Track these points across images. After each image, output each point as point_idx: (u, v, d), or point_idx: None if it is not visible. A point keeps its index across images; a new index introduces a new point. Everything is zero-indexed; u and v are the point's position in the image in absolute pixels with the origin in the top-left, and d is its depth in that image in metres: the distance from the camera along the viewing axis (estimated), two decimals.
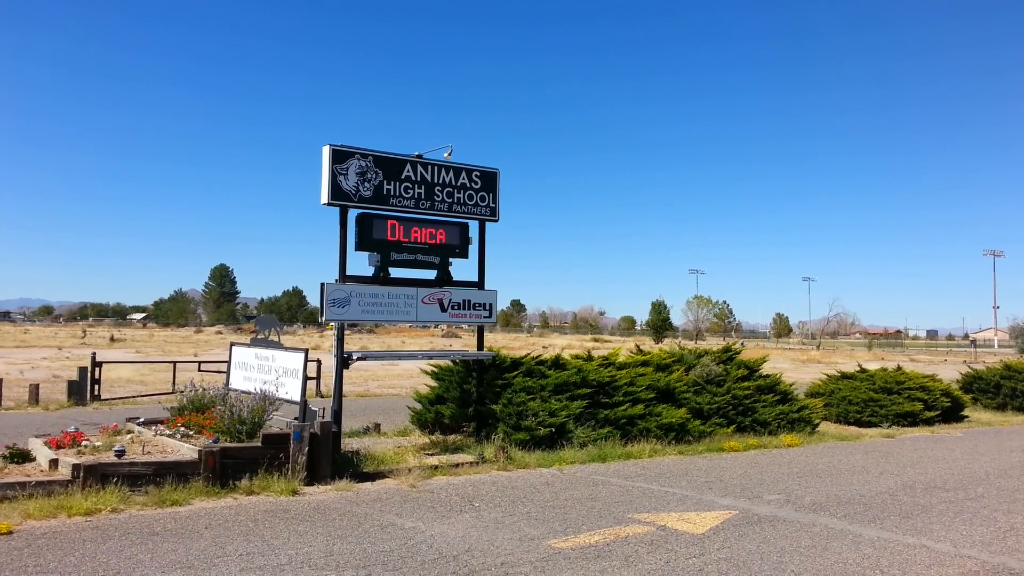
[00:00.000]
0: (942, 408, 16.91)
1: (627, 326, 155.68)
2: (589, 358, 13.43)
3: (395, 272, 10.99)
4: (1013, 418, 18.52)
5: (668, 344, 26.30)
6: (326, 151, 10.20)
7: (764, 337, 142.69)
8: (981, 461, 11.60)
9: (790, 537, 6.85)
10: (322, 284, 10.00)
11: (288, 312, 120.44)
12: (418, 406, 12.99)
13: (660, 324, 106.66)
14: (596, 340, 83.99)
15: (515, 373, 12.08)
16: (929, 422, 16.32)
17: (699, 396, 13.59)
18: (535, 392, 11.71)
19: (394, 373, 27.18)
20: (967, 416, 17.89)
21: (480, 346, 12.24)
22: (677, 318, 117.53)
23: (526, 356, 12.82)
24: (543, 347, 45.92)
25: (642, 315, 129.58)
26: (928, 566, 6.08)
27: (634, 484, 9.16)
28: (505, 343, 55.84)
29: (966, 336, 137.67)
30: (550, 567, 5.76)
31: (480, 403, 11.83)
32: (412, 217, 11.10)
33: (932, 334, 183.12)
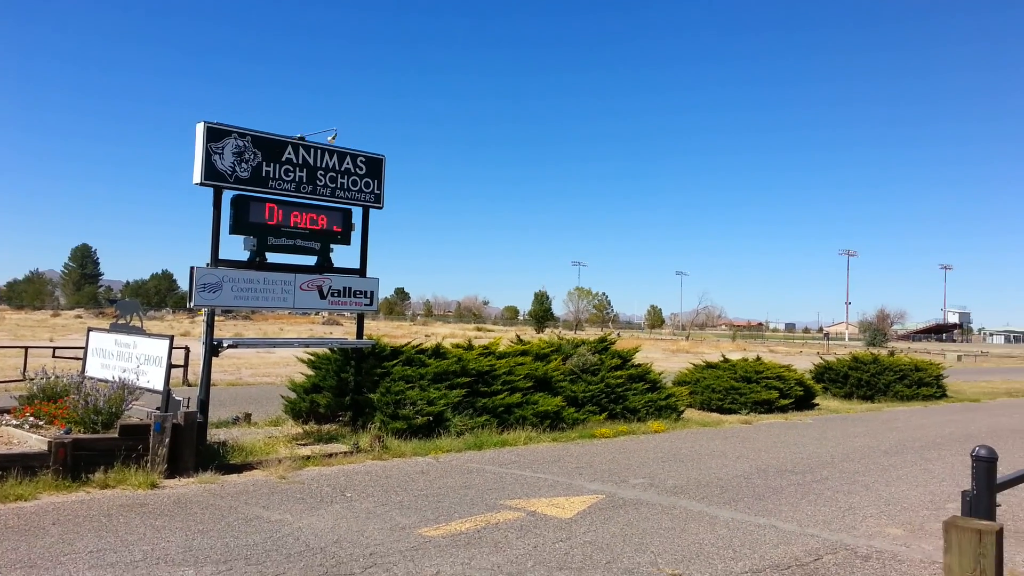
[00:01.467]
0: (796, 396, 18.14)
1: (510, 316, 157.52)
2: (470, 347, 13.53)
3: (273, 257, 10.67)
4: (858, 406, 20.09)
5: (548, 334, 26.84)
6: (200, 128, 9.74)
7: (639, 328, 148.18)
8: (828, 446, 12.54)
9: (652, 519, 7.20)
10: (192, 268, 9.56)
11: (157, 296, 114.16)
12: (293, 395, 12.69)
13: (542, 314, 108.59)
14: (479, 329, 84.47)
15: (395, 362, 12.01)
16: (784, 409, 17.47)
17: (575, 385, 13.97)
18: (414, 381, 11.70)
19: (269, 361, 26.35)
20: (818, 404, 19.26)
21: (360, 334, 12.08)
22: (559, 309, 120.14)
23: (407, 345, 12.77)
24: (426, 336, 45.81)
25: (525, 305, 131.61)
26: (776, 545, 6.53)
27: (508, 471, 9.32)
28: (388, 331, 55.28)
29: (820, 329, 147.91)
30: (419, 556, 5.80)
31: (358, 392, 11.69)
32: (292, 201, 10.79)
33: (790, 327, 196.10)
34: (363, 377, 11.74)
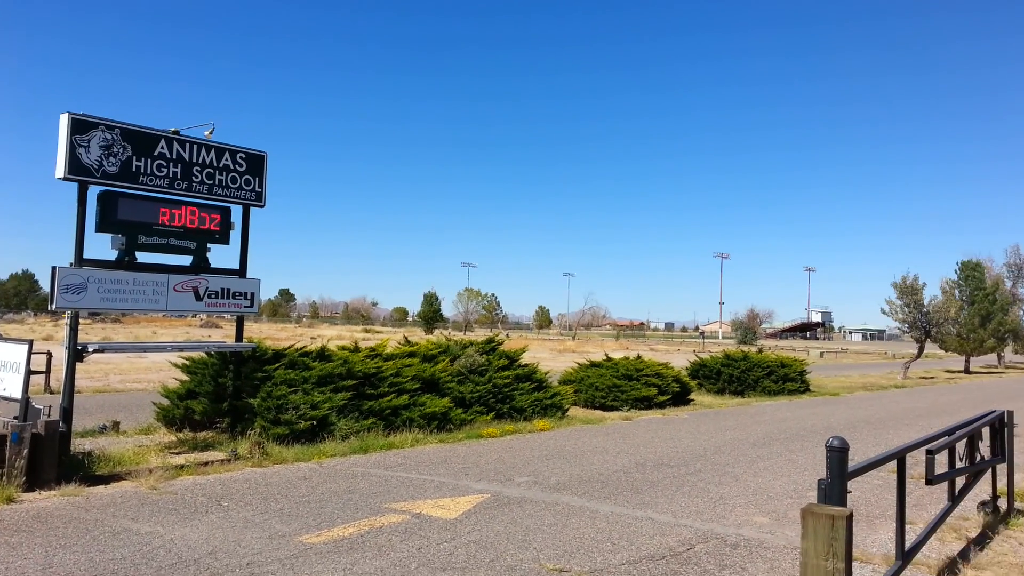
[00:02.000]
0: (673, 393, 18.92)
1: (399, 317, 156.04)
2: (356, 349, 13.34)
3: (144, 257, 10.15)
4: (730, 400, 21.17)
5: (437, 335, 26.76)
6: (64, 120, 9.15)
7: (528, 328, 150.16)
8: (701, 439, 13.16)
9: (535, 516, 7.35)
10: (54, 268, 8.97)
11: (17, 298, 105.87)
12: (166, 402, 12.10)
13: (431, 315, 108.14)
14: (367, 331, 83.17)
15: (277, 365, 11.68)
16: (662, 405, 18.19)
17: (462, 386, 14.04)
18: (297, 385, 11.42)
19: (141, 367, 24.96)
20: (693, 399, 20.16)
21: (239, 337, 11.66)
22: (448, 310, 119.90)
23: (290, 347, 12.45)
24: (311, 338, 44.63)
25: (415, 306, 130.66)
26: (652, 536, 6.82)
27: (394, 474, 9.26)
28: (271, 334, 53.53)
29: (697, 328, 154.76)
30: (300, 563, 5.69)
31: (236, 397, 11.29)
32: (166, 198, 10.31)
33: (670, 326, 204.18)
34: (243, 382, 11.36)
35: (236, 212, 11.22)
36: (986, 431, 7.94)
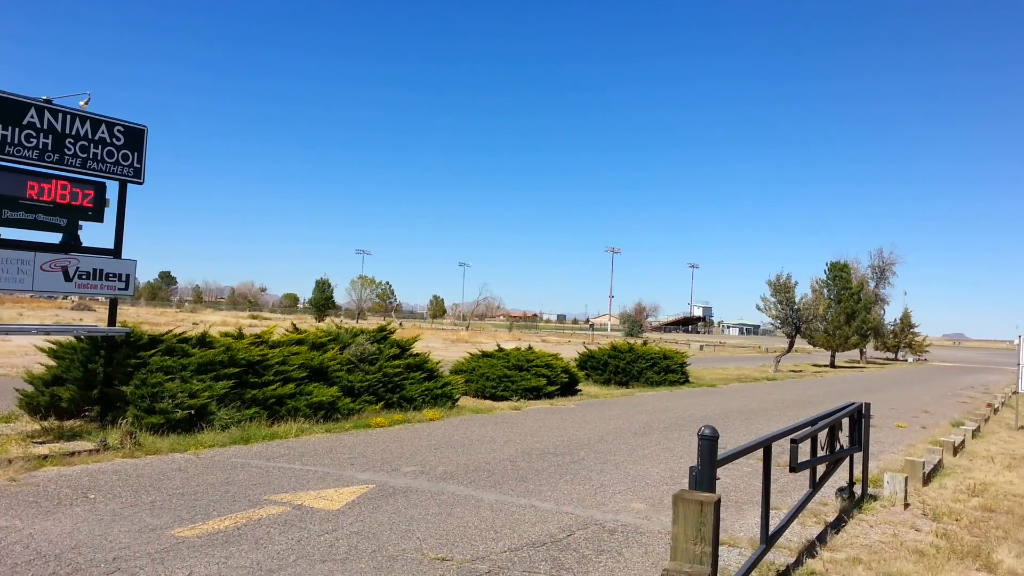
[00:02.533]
0: (562, 383, 19.31)
1: (290, 304, 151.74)
2: (240, 336, 12.89)
3: (8, 233, 9.47)
4: (615, 391, 21.79)
5: (327, 323, 26.25)
6: None
7: (422, 318, 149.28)
8: (586, 428, 13.51)
9: (420, 506, 7.35)
10: None
11: None
12: (30, 388, 11.31)
13: (323, 303, 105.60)
14: (254, 317, 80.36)
15: (153, 351, 11.14)
16: (551, 395, 18.54)
17: (352, 374, 13.82)
18: (175, 372, 10.93)
19: (4, 350, 23.21)
20: (581, 390, 20.64)
21: (112, 321, 11.04)
22: (341, 297, 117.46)
23: (167, 333, 11.90)
24: (193, 324, 42.75)
25: (306, 293, 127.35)
26: (534, 523, 6.96)
27: (276, 465, 9.03)
28: (149, 318, 50.91)
29: (587, 321, 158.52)
30: (170, 557, 5.47)
31: (108, 384, 10.69)
32: (35, 170, 9.62)
33: (562, 318, 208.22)
34: (115, 368, 10.76)
35: (112, 188, 10.62)
36: (846, 422, 8.53)
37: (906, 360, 67.55)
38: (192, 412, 10.61)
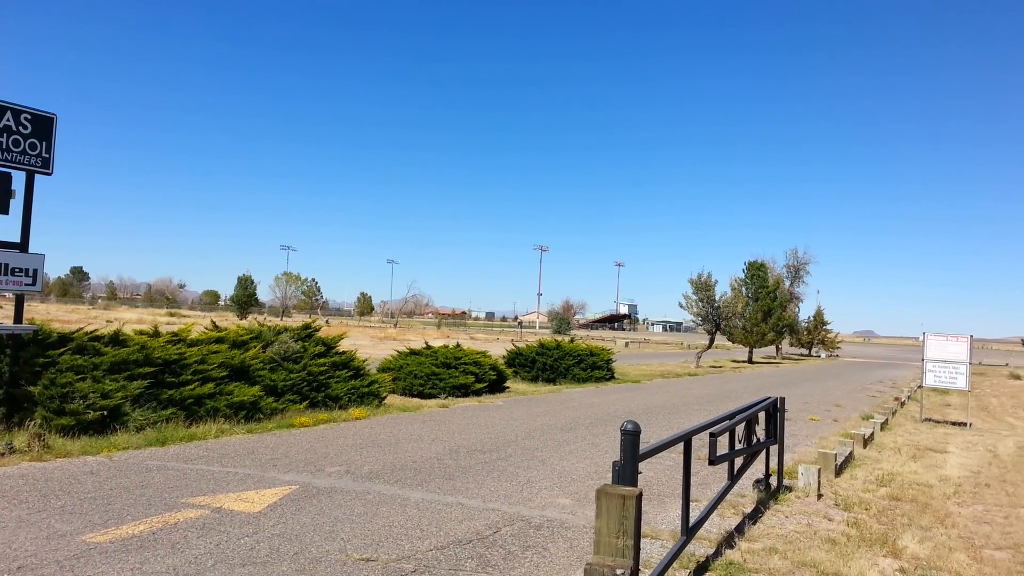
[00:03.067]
0: (490, 380, 19.35)
1: (210, 301, 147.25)
2: (156, 334, 12.45)
3: None
4: (543, 388, 21.98)
5: (250, 321, 25.55)
6: None
7: (349, 315, 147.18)
8: (513, 425, 13.58)
9: (345, 506, 7.25)
10: None
11: None
12: None
13: (246, 300, 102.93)
14: (172, 315, 77.66)
15: (63, 350, 10.65)
16: (479, 393, 18.55)
17: (275, 373, 13.52)
18: (87, 371, 10.48)
19: None
20: (509, 387, 20.74)
21: (19, 318, 10.50)
22: (265, 294, 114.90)
23: (79, 331, 11.38)
24: (107, 321, 41.00)
25: (228, 290, 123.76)
26: (460, 521, 6.95)
27: (194, 467, 8.76)
28: (60, 316, 48.63)
29: (516, 318, 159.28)
30: (81, 564, 5.24)
31: (14, 385, 10.16)
32: None
33: (490, 315, 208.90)
34: (21, 368, 10.24)
35: (19, 179, 10.13)
36: (762, 416, 8.83)
37: (819, 356, 70.33)
38: (105, 413, 10.20)
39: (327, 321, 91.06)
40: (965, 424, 17.51)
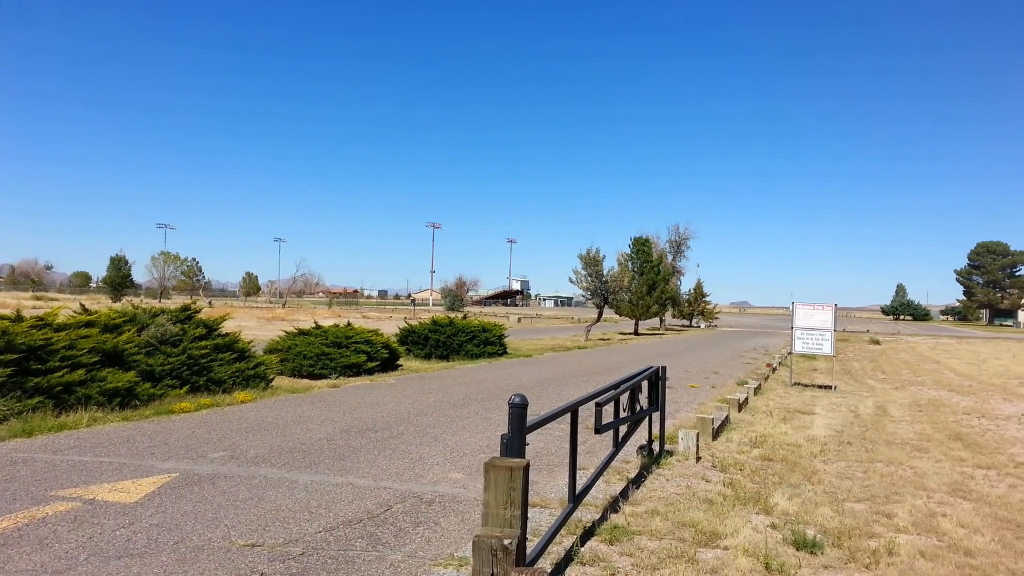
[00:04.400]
0: (382, 359, 19.17)
1: (81, 283, 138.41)
2: (19, 318, 11.60)
3: None
4: (436, 365, 21.98)
5: (124, 303, 24.22)
6: None
7: (234, 296, 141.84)
8: (406, 403, 13.53)
9: (229, 492, 7.04)
10: None
11: None
12: None
13: (120, 281, 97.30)
14: (39, 298, 72.58)
15: None
16: (371, 372, 18.36)
17: (152, 358, 12.91)
18: None
19: None
20: (402, 365, 20.61)
21: None
22: (141, 275, 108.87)
23: None
24: None
25: (100, 271, 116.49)
26: (351, 501, 6.89)
27: (64, 458, 8.26)
28: None
29: (409, 296, 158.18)
30: None
31: None
32: None
33: (383, 294, 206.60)
34: None
35: None
36: (645, 384, 9.18)
37: (699, 327, 73.51)
38: None
39: (210, 303, 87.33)
40: (830, 387, 18.81)
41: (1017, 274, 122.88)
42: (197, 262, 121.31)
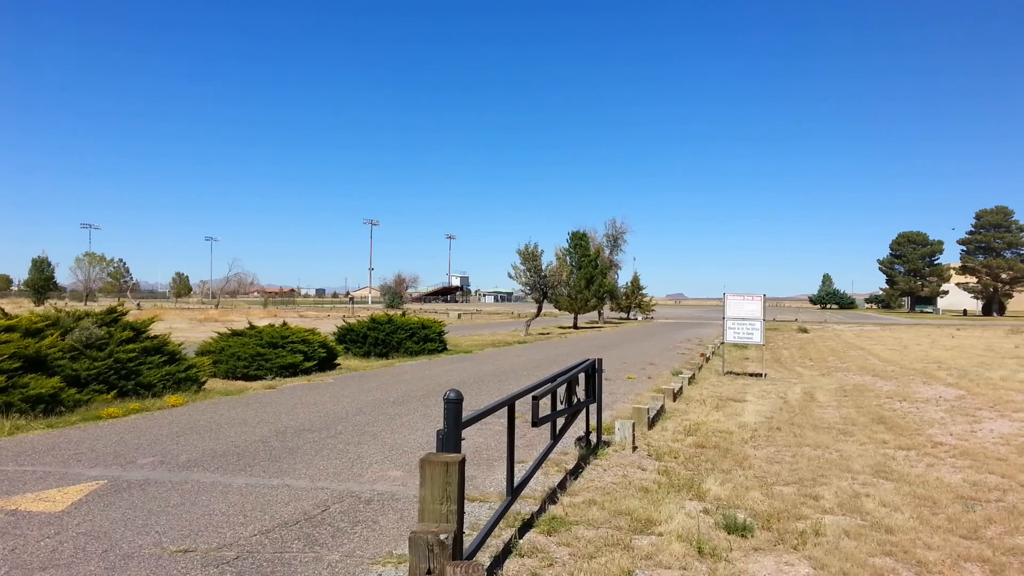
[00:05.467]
0: (320, 358, 18.91)
1: (1, 286, 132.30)
2: None
3: None
4: (375, 363, 21.79)
5: (46, 307, 23.27)
6: None
7: (164, 297, 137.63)
8: (344, 402, 13.39)
9: (160, 498, 6.86)
10: None
11: None
12: None
13: (42, 284, 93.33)
14: None
15: None
16: (308, 371, 18.10)
17: (77, 362, 12.46)
18: None
19: None
20: (340, 364, 20.37)
21: None
22: (65, 278, 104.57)
23: None
24: None
25: (21, 273, 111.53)
26: (287, 503, 6.80)
27: None
28: None
29: (347, 294, 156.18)
30: None
31: None
32: None
33: (321, 292, 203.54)
34: None
35: None
36: (582, 377, 9.32)
37: (636, 319, 74.68)
38: None
39: (139, 304, 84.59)
40: (761, 375, 19.39)
41: (936, 263, 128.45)
42: (124, 263, 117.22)
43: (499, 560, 5.39)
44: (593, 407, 9.70)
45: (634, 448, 9.50)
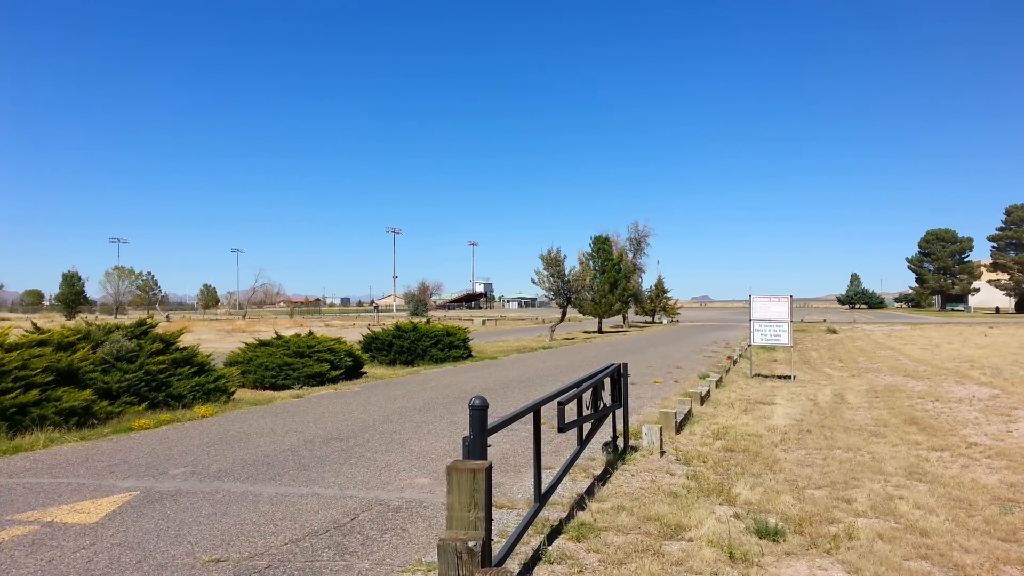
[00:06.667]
0: (346, 367, 19.03)
1: (33, 301, 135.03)
2: None
3: None
4: (401, 371, 21.87)
5: (77, 321, 23.68)
6: None
7: (192, 309, 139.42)
8: (371, 411, 13.46)
9: (192, 508, 6.94)
10: None
11: None
12: None
13: (73, 298, 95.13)
14: None
15: None
16: (335, 380, 18.21)
17: (108, 375, 12.65)
18: None
19: None
20: (366, 372, 20.47)
21: None
22: (95, 291, 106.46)
23: None
24: None
25: (53, 288, 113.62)
26: (316, 511, 6.84)
27: (20, 481, 8.07)
28: None
29: (372, 302, 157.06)
30: None
31: None
32: None
33: (346, 301, 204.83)
34: None
35: None
36: (608, 382, 9.28)
37: (661, 322, 74.21)
38: None
39: (168, 317, 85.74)
40: (789, 377, 19.17)
41: (965, 260, 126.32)
42: (153, 276, 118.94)
43: (528, 567, 5.38)
44: (619, 412, 9.65)
45: (662, 453, 9.44)
